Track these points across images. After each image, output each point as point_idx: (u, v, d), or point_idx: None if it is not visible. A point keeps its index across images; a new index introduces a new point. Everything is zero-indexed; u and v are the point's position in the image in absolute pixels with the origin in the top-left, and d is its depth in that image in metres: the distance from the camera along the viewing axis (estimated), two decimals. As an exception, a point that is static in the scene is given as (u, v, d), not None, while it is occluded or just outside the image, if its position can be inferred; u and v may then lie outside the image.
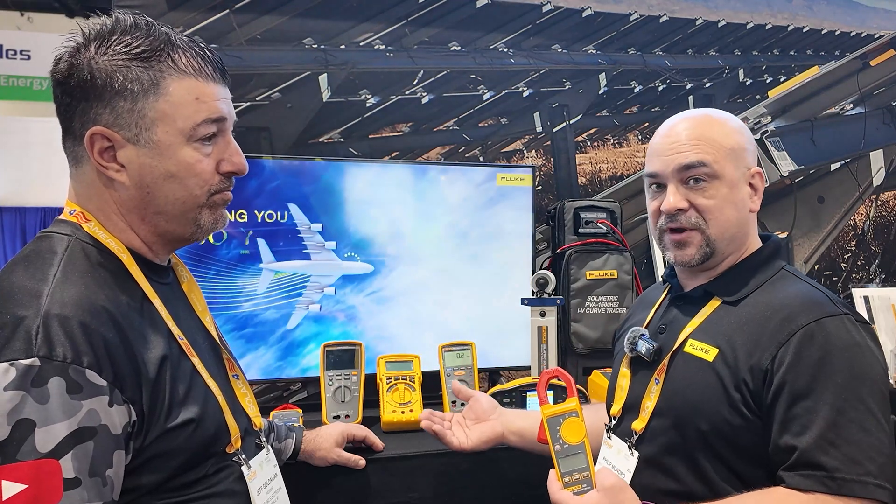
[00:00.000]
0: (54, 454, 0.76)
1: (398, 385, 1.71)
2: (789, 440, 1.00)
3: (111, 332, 0.83)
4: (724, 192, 1.14)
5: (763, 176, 1.19)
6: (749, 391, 1.05)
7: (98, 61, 0.88)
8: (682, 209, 1.15)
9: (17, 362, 0.76)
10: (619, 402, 1.24)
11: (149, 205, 0.93)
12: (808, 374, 1.01)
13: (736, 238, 1.17)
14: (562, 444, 1.03)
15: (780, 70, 2.70)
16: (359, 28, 2.24)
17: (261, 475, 1.03)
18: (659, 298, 1.31)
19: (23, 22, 6.65)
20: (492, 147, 2.39)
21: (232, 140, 0.98)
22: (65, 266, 0.87)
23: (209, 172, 0.95)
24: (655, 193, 1.20)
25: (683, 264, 1.18)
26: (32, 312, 0.80)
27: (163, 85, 0.90)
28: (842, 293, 2.69)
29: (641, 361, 1.21)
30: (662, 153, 1.17)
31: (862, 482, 0.96)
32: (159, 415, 0.87)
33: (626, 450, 1.18)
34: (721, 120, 1.18)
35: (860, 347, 1.03)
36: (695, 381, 1.11)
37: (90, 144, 0.90)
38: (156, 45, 0.90)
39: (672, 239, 1.17)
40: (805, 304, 1.07)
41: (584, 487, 1.00)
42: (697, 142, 1.14)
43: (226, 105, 0.96)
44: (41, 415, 0.76)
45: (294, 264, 1.90)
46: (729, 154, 1.14)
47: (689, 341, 1.15)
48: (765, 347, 1.05)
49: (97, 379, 0.80)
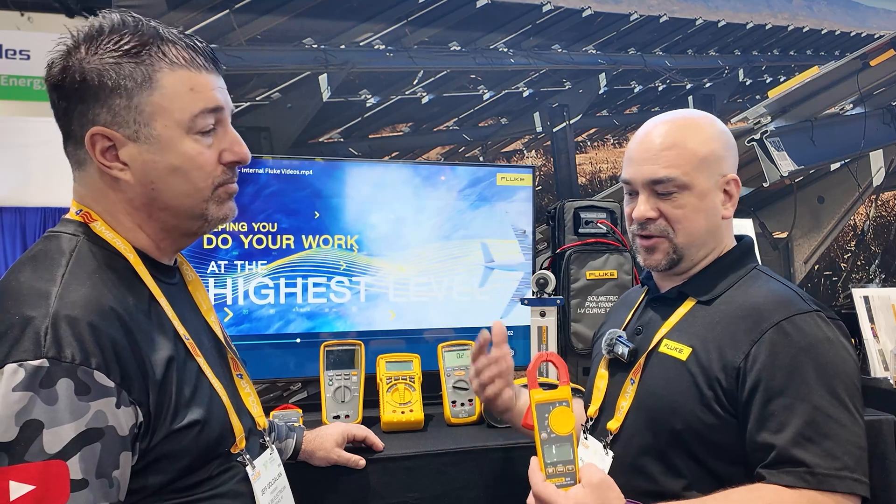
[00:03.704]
0: (62, 455, 0.76)
1: (398, 385, 1.71)
2: (766, 438, 1.01)
3: (119, 333, 0.83)
4: (694, 202, 1.15)
5: (738, 182, 1.20)
6: (722, 389, 1.06)
7: (90, 62, 0.88)
8: (651, 218, 1.17)
9: (25, 363, 0.76)
10: (596, 403, 1.25)
11: (155, 201, 0.93)
12: (782, 372, 1.02)
13: (706, 244, 1.19)
14: (549, 432, 0.98)
15: (780, 70, 2.70)
16: (359, 28, 2.24)
17: (265, 475, 1.03)
18: (637, 301, 1.33)
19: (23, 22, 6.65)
20: (492, 147, 2.39)
21: (231, 129, 0.98)
22: (73, 266, 0.86)
23: (212, 164, 0.94)
24: (630, 199, 1.23)
25: (651, 268, 1.22)
26: (41, 313, 0.80)
27: (156, 78, 0.90)
28: (842, 293, 2.69)
29: (619, 363, 1.23)
30: (635, 161, 1.19)
31: (840, 476, 0.97)
32: (165, 416, 0.87)
33: (602, 450, 1.19)
34: (700, 125, 1.18)
35: (832, 343, 1.04)
36: (669, 381, 1.12)
37: (91, 145, 0.89)
38: (145, 39, 0.90)
39: (641, 244, 1.21)
40: (776, 302, 1.09)
41: (568, 481, 0.96)
42: (668, 152, 1.15)
43: (221, 94, 0.96)
44: (49, 416, 0.76)
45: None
46: (701, 163, 1.15)
47: (664, 341, 1.16)
48: (737, 346, 1.06)
49: (105, 380, 0.80)
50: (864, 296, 2.28)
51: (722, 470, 1.06)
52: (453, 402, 1.77)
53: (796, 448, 0.99)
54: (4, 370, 0.76)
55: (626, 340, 1.22)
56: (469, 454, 1.57)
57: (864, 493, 0.98)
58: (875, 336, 2.22)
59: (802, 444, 0.98)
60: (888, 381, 2.09)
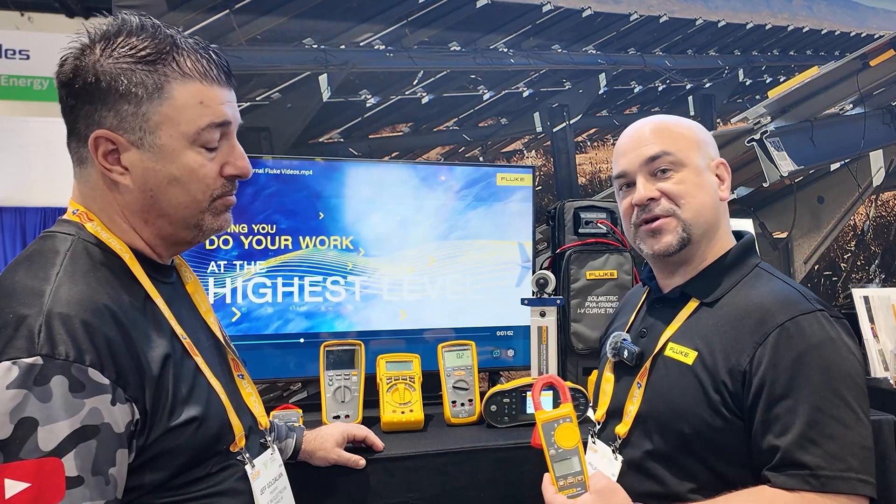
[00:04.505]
0: (57, 453, 0.76)
1: (398, 385, 1.71)
2: (771, 440, 1.01)
3: (113, 330, 0.83)
4: (692, 177, 1.16)
5: (728, 167, 1.22)
6: (729, 392, 1.06)
7: (103, 64, 0.88)
8: (653, 198, 1.16)
9: (19, 361, 0.76)
10: (603, 407, 1.25)
11: (152, 208, 0.93)
12: (786, 374, 1.02)
13: (710, 225, 1.18)
14: (556, 448, 1.03)
15: (780, 70, 2.70)
16: (359, 28, 2.24)
17: (265, 474, 1.03)
18: (639, 301, 1.32)
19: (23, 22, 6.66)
20: (492, 147, 2.39)
21: (237, 144, 0.98)
22: (67, 265, 0.86)
23: (212, 177, 0.95)
24: (626, 192, 1.22)
25: (661, 254, 1.17)
26: (35, 311, 0.80)
27: (167, 89, 0.90)
28: (842, 293, 2.69)
29: (624, 366, 1.22)
30: (627, 151, 1.21)
31: (845, 478, 0.97)
32: (162, 413, 0.87)
33: (610, 454, 1.19)
34: (679, 121, 1.23)
35: (835, 343, 1.04)
36: (675, 385, 1.12)
37: (94, 147, 0.90)
38: (161, 47, 0.90)
39: (647, 229, 1.18)
40: (779, 302, 1.08)
41: (579, 490, 1.02)
42: (658, 135, 1.18)
43: (230, 109, 0.96)
44: (44, 413, 0.76)
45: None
46: (691, 144, 1.18)
47: (669, 345, 1.16)
48: (742, 348, 1.06)
49: (99, 377, 0.80)
50: (864, 296, 2.29)
51: (730, 473, 1.06)
52: (453, 402, 1.77)
53: (800, 450, 0.98)
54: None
55: (630, 344, 1.22)
56: (469, 454, 1.57)
57: (869, 494, 0.98)
58: (875, 336, 2.22)
59: (806, 446, 0.98)
60: (888, 381, 2.09)
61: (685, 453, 1.09)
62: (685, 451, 1.09)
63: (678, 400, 1.10)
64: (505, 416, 1.72)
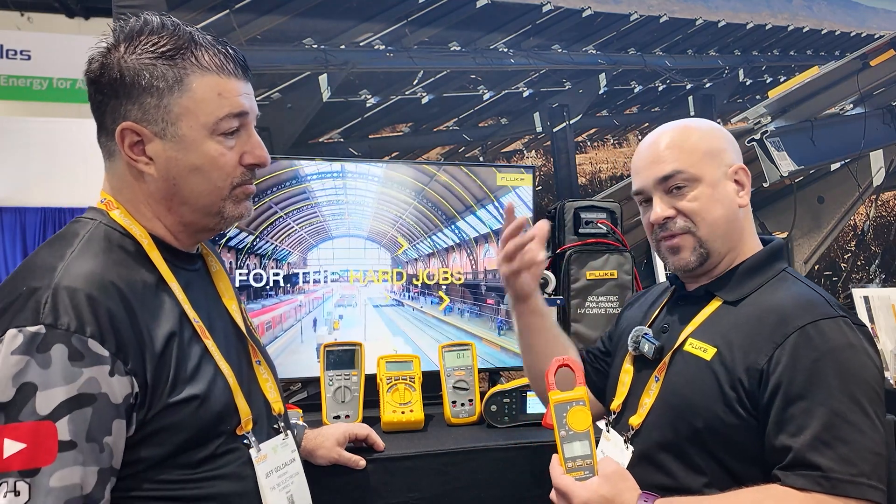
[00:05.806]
0: (51, 417, 0.81)
1: (398, 385, 1.71)
2: (785, 440, 1.01)
3: (118, 306, 0.87)
4: (707, 192, 1.17)
5: (747, 171, 1.22)
6: (745, 390, 1.06)
7: (127, 60, 0.94)
8: (669, 217, 1.18)
9: (24, 329, 0.82)
10: (620, 398, 1.26)
11: (175, 196, 0.98)
12: (803, 376, 1.02)
13: (729, 235, 1.19)
14: (567, 430, 1.04)
15: (780, 70, 2.70)
16: (359, 28, 2.24)
17: (272, 459, 1.04)
18: (664, 298, 1.33)
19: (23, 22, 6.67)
20: (492, 147, 2.39)
21: (254, 133, 1.03)
22: (83, 245, 0.92)
23: (232, 165, 0.99)
24: (646, 208, 1.25)
25: (682, 269, 1.21)
26: (45, 284, 0.85)
27: (186, 81, 0.95)
28: (842, 293, 2.69)
29: (644, 359, 1.23)
30: (643, 169, 1.22)
31: (855, 482, 0.97)
32: (163, 389, 0.90)
33: (622, 443, 1.20)
34: (697, 127, 1.23)
35: (855, 349, 1.04)
36: (692, 380, 1.12)
37: (121, 139, 0.95)
38: (180, 43, 0.96)
39: (667, 245, 1.21)
40: (802, 305, 1.09)
41: (587, 474, 1.02)
42: (671, 151, 1.19)
43: (248, 100, 1.01)
44: (43, 379, 0.81)
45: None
46: (705, 156, 1.18)
47: (689, 340, 1.16)
48: (761, 348, 1.06)
49: (99, 349, 0.84)
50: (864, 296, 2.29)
51: (740, 470, 1.07)
52: (453, 402, 1.77)
53: (812, 451, 0.99)
54: (6, 335, 0.82)
55: (652, 338, 1.23)
56: (469, 454, 1.57)
57: (879, 500, 0.98)
58: (875, 336, 2.22)
59: (819, 448, 0.98)
60: (888, 382, 2.09)
61: (696, 447, 1.10)
62: (696, 445, 1.10)
63: (693, 394, 1.11)
64: (505, 416, 1.72)
